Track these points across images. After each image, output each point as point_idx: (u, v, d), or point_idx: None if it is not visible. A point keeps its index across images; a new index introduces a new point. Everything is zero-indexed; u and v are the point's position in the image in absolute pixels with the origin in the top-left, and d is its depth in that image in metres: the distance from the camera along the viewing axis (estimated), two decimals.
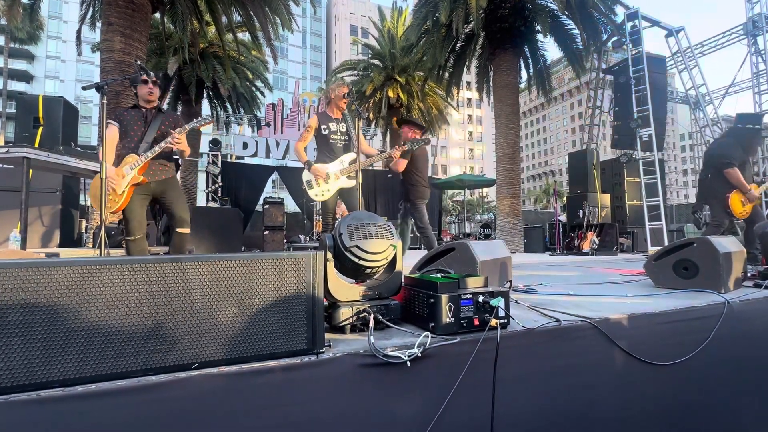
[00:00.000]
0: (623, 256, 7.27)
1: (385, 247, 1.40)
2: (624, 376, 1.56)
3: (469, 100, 60.93)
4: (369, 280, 1.49)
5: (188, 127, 2.76)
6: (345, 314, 1.34)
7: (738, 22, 12.65)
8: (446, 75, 12.79)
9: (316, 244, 8.50)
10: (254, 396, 1.03)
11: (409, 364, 1.16)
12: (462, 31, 10.51)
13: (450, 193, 33.54)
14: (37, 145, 4.46)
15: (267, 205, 8.28)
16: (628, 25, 10.16)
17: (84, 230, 7.05)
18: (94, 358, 0.90)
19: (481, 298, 1.34)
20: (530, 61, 11.73)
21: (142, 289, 0.96)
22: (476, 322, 1.33)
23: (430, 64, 12.09)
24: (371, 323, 1.28)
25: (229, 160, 12.21)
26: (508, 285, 2.23)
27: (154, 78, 2.76)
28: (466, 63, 12.27)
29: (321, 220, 3.90)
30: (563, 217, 10.30)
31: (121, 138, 2.73)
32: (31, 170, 3.80)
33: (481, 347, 1.26)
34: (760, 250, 3.13)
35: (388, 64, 17.65)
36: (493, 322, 1.30)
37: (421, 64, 13.92)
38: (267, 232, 8.02)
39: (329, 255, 1.35)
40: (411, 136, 3.79)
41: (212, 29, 12.74)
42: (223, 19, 9.88)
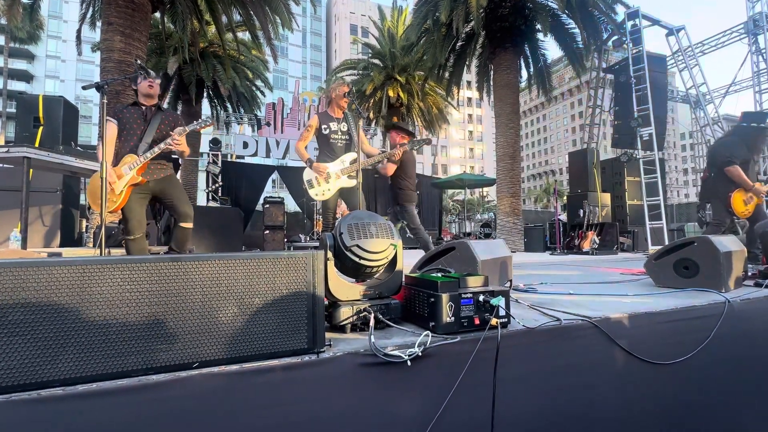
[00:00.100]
0: (623, 256, 7.27)
1: (385, 247, 1.40)
2: (624, 376, 1.55)
3: (470, 99, 60.89)
4: (369, 280, 1.48)
5: (189, 129, 2.75)
6: (345, 313, 1.34)
7: (739, 20, 12.64)
8: (446, 74, 12.78)
9: (317, 244, 8.50)
10: (255, 395, 1.03)
11: (409, 363, 1.16)
12: (462, 30, 10.50)
13: (450, 192, 33.53)
14: (37, 145, 4.46)
15: (267, 205, 8.29)
16: (629, 24, 10.14)
17: (84, 230, 7.05)
18: (95, 357, 0.91)
19: (481, 298, 1.34)
20: (530, 61, 11.72)
21: (142, 288, 0.96)
22: (477, 322, 1.33)
23: (430, 64, 12.09)
24: (372, 322, 1.28)
25: (230, 160, 12.22)
26: (508, 284, 2.23)
27: (154, 77, 2.75)
28: (467, 62, 12.26)
29: (321, 219, 3.93)
30: (563, 217, 10.30)
31: (120, 135, 2.70)
32: (31, 170, 3.80)
33: (482, 346, 1.26)
34: (761, 250, 3.12)
35: (389, 64, 17.64)
36: (494, 322, 1.30)
37: (422, 64, 13.92)
38: (267, 232, 8.03)
39: (330, 254, 1.35)
40: (399, 140, 3.89)
41: (212, 29, 12.74)
42: (223, 19, 9.88)
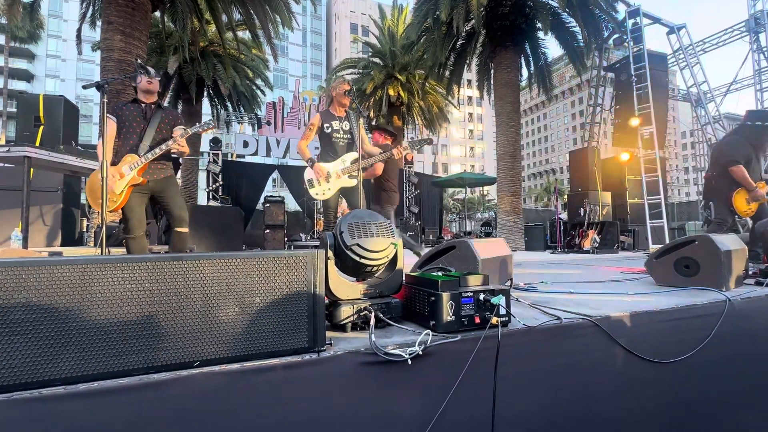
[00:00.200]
0: (624, 254, 7.27)
1: (385, 246, 1.40)
2: (625, 374, 1.56)
3: (470, 98, 60.83)
4: (370, 279, 1.49)
5: (191, 132, 2.75)
6: (346, 312, 1.34)
7: (740, 19, 12.60)
8: (447, 73, 12.76)
9: (317, 243, 8.51)
10: (255, 394, 1.03)
11: (410, 362, 1.16)
12: (462, 28, 10.48)
13: (451, 191, 33.55)
14: (37, 144, 4.46)
15: (268, 204, 8.30)
16: (630, 23, 10.12)
17: (85, 229, 7.06)
18: (96, 356, 0.91)
19: (482, 296, 1.34)
20: (531, 59, 11.70)
21: (143, 287, 0.96)
22: (477, 321, 1.33)
23: (430, 62, 12.07)
24: (372, 321, 1.28)
25: (230, 159, 12.23)
26: (508, 283, 2.23)
27: (153, 75, 2.74)
28: (467, 61, 12.24)
29: (322, 218, 3.96)
30: (564, 215, 10.29)
31: (119, 133, 2.69)
32: (32, 169, 3.80)
33: (482, 345, 1.26)
34: (762, 248, 3.12)
35: (389, 63, 17.61)
36: (494, 320, 1.30)
37: (422, 62, 13.89)
38: (268, 231, 8.03)
39: (330, 253, 1.35)
40: (382, 141, 3.98)
41: (212, 28, 12.73)
42: (223, 18, 9.86)
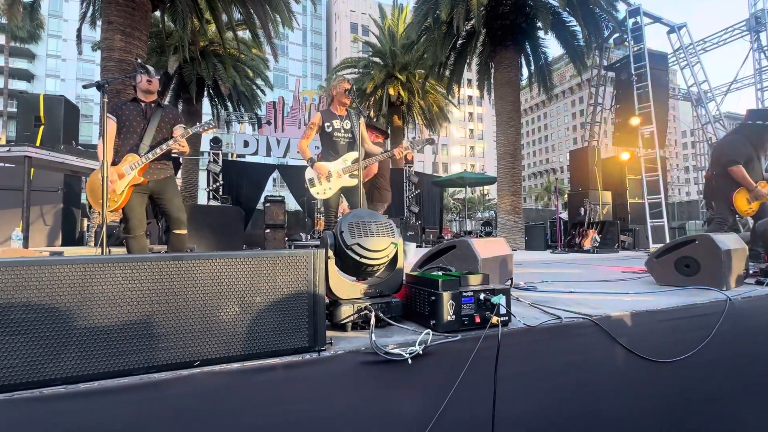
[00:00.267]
0: (624, 254, 7.26)
1: (386, 245, 1.40)
2: (625, 374, 1.56)
3: (470, 97, 60.78)
4: (370, 278, 1.49)
5: (191, 132, 2.75)
6: (346, 312, 1.34)
7: (740, 18, 12.59)
8: (447, 72, 12.75)
9: (317, 242, 8.51)
10: (256, 393, 1.03)
11: (410, 361, 1.16)
12: (463, 28, 10.46)
13: (451, 190, 33.54)
14: (38, 144, 4.46)
15: (268, 204, 8.30)
16: (630, 22, 10.10)
17: (86, 229, 7.07)
18: (97, 355, 0.91)
19: (482, 296, 1.34)
20: (531, 58, 11.68)
21: (143, 287, 0.96)
22: (477, 320, 1.33)
23: (430, 62, 12.06)
24: (372, 321, 1.28)
25: (230, 159, 12.23)
26: (509, 282, 2.22)
27: (152, 74, 2.73)
28: (467, 60, 12.23)
29: (322, 218, 4.00)
30: (564, 215, 10.29)
31: (120, 132, 2.68)
32: (32, 169, 3.81)
33: (483, 345, 1.26)
34: (763, 248, 3.11)
35: (389, 62, 17.60)
36: (495, 320, 1.30)
37: (422, 62, 13.89)
38: (268, 231, 8.03)
39: (330, 253, 1.35)
40: (374, 140, 4.14)
41: (212, 27, 12.72)
42: (224, 17, 9.86)
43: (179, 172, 10.87)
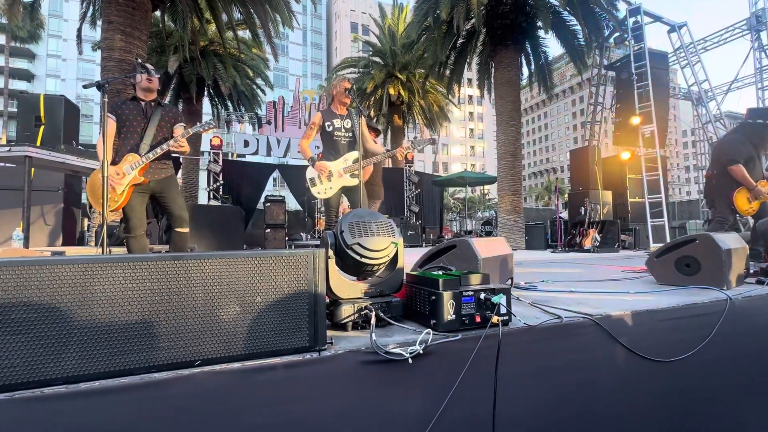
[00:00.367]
0: (625, 253, 7.26)
1: (386, 245, 1.40)
2: (626, 373, 1.55)
3: (470, 97, 60.75)
4: (370, 278, 1.49)
5: (192, 132, 2.74)
6: (347, 311, 1.34)
7: (741, 17, 12.57)
8: (447, 72, 12.74)
9: (318, 242, 8.51)
10: (256, 393, 1.03)
11: (410, 361, 1.16)
12: (463, 27, 10.46)
13: (451, 190, 33.51)
14: (38, 144, 4.46)
15: (268, 203, 8.30)
16: (630, 21, 10.09)
17: (86, 229, 7.07)
18: (97, 355, 0.91)
19: (482, 295, 1.34)
20: (531, 58, 11.67)
21: (144, 286, 0.96)
22: (478, 319, 1.33)
23: (430, 61, 12.05)
24: (373, 320, 1.28)
25: (231, 159, 12.24)
26: (509, 282, 2.22)
27: (152, 74, 2.72)
28: (467, 60, 12.22)
29: (323, 217, 4.05)
30: (565, 214, 10.28)
31: (120, 132, 2.68)
32: (33, 169, 3.81)
33: (483, 344, 1.26)
34: (763, 247, 3.11)
35: (389, 62, 17.59)
36: (495, 319, 1.30)
37: (422, 61, 13.88)
38: (268, 230, 8.04)
39: (331, 252, 1.36)
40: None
41: (212, 27, 12.71)
42: (224, 17, 9.86)
43: (179, 172, 10.86)
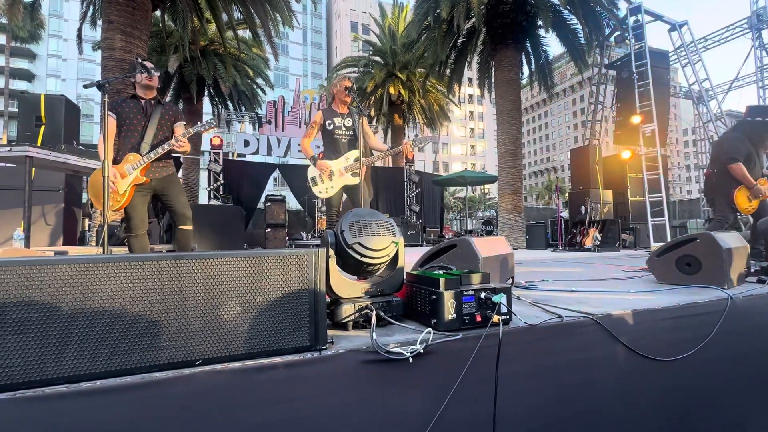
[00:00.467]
0: (625, 252, 7.25)
1: (387, 244, 1.40)
2: (626, 372, 1.55)
3: (471, 96, 60.69)
4: (371, 277, 1.49)
5: (192, 132, 2.75)
6: (347, 311, 1.34)
7: (742, 15, 12.54)
8: (447, 71, 12.73)
9: (318, 242, 8.52)
10: (257, 392, 1.03)
11: (411, 360, 1.16)
12: (463, 26, 10.44)
13: (452, 189, 33.51)
14: (39, 144, 4.47)
15: (269, 203, 8.31)
16: (631, 20, 10.07)
17: (87, 228, 7.07)
18: (98, 354, 0.91)
19: (483, 295, 1.34)
20: (532, 57, 11.65)
21: (145, 286, 0.96)
22: (478, 319, 1.33)
23: (431, 61, 12.04)
24: (373, 320, 1.28)
25: (231, 158, 12.24)
26: (510, 281, 2.22)
27: (152, 73, 2.71)
28: (468, 59, 12.21)
29: (323, 217, 4.02)
30: (565, 214, 10.29)
31: (120, 131, 2.67)
32: (33, 169, 3.81)
33: (484, 343, 1.26)
34: (764, 246, 3.10)
35: (389, 61, 17.58)
36: (496, 319, 1.30)
37: (422, 61, 13.87)
38: (269, 230, 8.04)
39: (331, 252, 1.36)
40: None
41: (213, 27, 12.71)
42: (224, 17, 9.86)
43: (180, 171, 10.88)
